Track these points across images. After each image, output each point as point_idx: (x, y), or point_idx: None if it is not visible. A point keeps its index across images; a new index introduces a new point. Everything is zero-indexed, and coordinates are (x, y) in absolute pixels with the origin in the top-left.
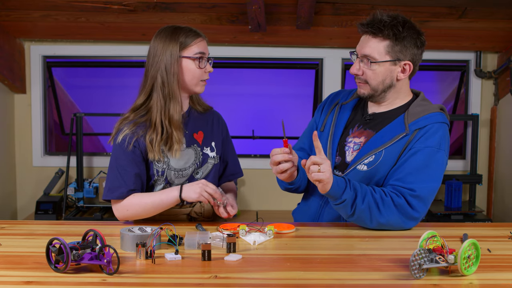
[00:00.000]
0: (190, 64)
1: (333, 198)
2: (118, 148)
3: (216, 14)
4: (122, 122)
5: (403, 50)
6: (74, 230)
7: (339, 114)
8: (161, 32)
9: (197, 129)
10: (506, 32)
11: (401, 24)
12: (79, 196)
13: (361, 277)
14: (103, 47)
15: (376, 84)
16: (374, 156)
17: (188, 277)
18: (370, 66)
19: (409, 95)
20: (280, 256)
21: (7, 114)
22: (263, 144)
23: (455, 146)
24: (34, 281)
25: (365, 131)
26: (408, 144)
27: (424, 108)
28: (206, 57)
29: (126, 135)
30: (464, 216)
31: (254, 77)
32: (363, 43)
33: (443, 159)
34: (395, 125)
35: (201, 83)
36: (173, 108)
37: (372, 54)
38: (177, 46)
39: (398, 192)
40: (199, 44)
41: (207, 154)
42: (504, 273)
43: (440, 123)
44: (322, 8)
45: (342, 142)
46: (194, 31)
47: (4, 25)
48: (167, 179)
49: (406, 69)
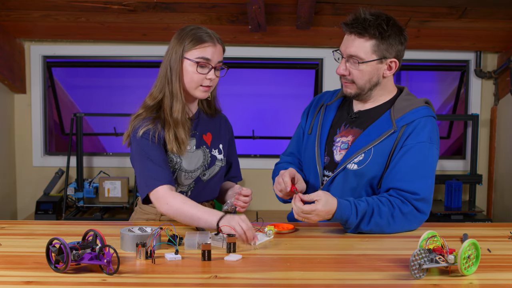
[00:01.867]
0: (190, 66)
1: (339, 222)
2: (143, 141)
3: (216, 14)
4: (136, 118)
5: (388, 48)
6: (74, 230)
7: (324, 115)
8: (179, 30)
9: (206, 130)
10: (506, 32)
11: (385, 22)
12: (79, 196)
13: (361, 277)
14: (103, 47)
15: (363, 83)
16: (364, 154)
17: (188, 277)
18: (357, 66)
19: (393, 90)
20: (280, 256)
21: (7, 114)
22: (263, 144)
23: (455, 146)
24: (34, 281)
25: (352, 129)
26: (398, 142)
27: (409, 103)
28: (211, 64)
29: (148, 129)
30: (464, 216)
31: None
32: (349, 42)
33: (435, 153)
34: (382, 122)
35: (201, 88)
36: (175, 106)
37: (359, 54)
38: (182, 46)
39: (403, 198)
40: (203, 49)
41: (215, 156)
42: (504, 273)
43: (427, 117)
44: (322, 8)
45: (330, 142)
46: (204, 34)
47: (4, 25)
48: (177, 179)
49: (392, 66)
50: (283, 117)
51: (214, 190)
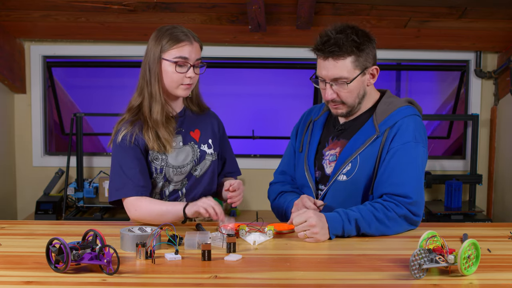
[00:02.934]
0: (168, 66)
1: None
2: (119, 148)
3: (216, 14)
4: (119, 123)
5: (367, 58)
6: (74, 230)
7: (312, 131)
8: (155, 31)
9: (194, 127)
10: (506, 32)
11: (355, 34)
12: (79, 196)
13: (361, 277)
14: (103, 47)
15: (353, 100)
16: (351, 164)
17: (188, 277)
18: (345, 87)
19: (375, 95)
20: (280, 256)
21: (7, 114)
22: (263, 144)
23: (455, 146)
24: (34, 281)
25: (339, 141)
26: (383, 146)
27: (391, 106)
28: (189, 63)
29: (125, 134)
30: (464, 216)
31: (254, 77)
32: (329, 67)
33: (423, 151)
34: (366, 129)
35: (182, 87)
36: (154, 108)
37: (343, 74)
38: (159, 47)
39: (397, 202)
40: (181, 48)
41: (204, 151)
42: (504, 273)
43: (409, 116)
44: (322, 8)
45: (319, 156)
46: (180, 33)
47: (4, 25)
48: (165, 176)
49: (374, 73)
50: (283, 117)
51: (210, 186)
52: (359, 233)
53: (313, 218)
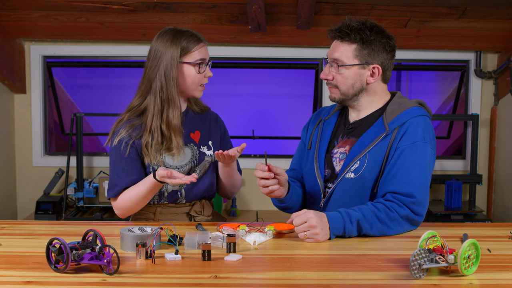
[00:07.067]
0: (191, 69)
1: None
2: (115, 150)
3: (216, 14)
4: (118, 124)
5: (371, 53)
6: (74, 230)
7: (322, 129)
8: (162, 34)
9: (194, 128)
10: (506, 32)
11: (369, 28)
12: (79, 196)
13: (361, 277)
14: (103, 47)
15: (346, 89)
16: (359, 161)
17: (188, 277)
18: (338, 70)
19: (386, 96)
20: (280, 256)
21: (7, 114)
22: (263, 144)
23: (455, 146)
24: (34, 281)
25: (348, 139)
26: (391, 144)
27: (401, 106)
28: (206, 62)
29: (122, 138)
30: (464, 216)
31: (254, 77)
32: (333, 48)
33: (431, 152)
34: (376, 128)
35: (200, 88)
36: (171, 113)
37: (341, 58)
38: (178, 51)
39: (399, 202)
40: (200, 50)
41: (203, 153)
42: (504, 273)
43: (419, 116)
44: (322, 8)
45: (329, 155)
46: (195, 36)
47: (4, 25)
48: None
49: (375, 72)
50: (283, 117)
51: (210, 188)
52: (360, 234)
53: (313, 219)
